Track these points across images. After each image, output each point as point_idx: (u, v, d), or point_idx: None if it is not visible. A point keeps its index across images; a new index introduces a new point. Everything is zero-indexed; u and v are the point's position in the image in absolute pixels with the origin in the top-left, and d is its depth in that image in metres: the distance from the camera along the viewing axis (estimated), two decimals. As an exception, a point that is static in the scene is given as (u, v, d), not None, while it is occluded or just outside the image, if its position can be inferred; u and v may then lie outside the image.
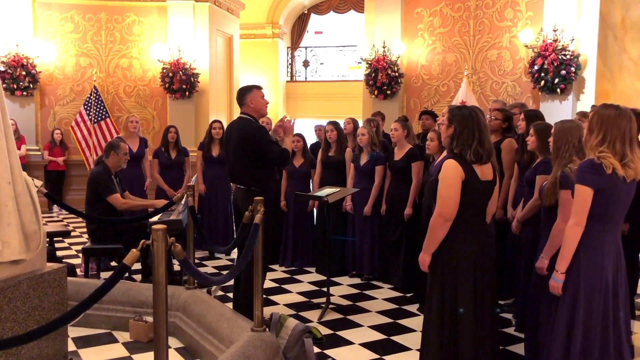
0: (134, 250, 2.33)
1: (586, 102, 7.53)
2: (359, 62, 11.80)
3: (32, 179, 3.27)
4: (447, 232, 2.93)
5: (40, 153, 10.10)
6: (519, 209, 4.20)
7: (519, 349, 3.92)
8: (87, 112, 9.90)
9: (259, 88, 4.39)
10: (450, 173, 2.90)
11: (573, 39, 7.79)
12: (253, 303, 3.52)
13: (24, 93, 9.90)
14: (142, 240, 2.35)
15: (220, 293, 5.25)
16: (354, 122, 6.20)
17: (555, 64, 7.74)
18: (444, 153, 3.52)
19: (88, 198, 5.30)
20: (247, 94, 4.31)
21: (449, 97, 9.31)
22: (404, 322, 4.57)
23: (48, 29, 10.23)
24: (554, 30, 7.86)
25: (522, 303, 4.01)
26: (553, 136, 3.40)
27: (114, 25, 10.41)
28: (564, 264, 2.79)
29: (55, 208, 10.06)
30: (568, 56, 7.74)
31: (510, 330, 4.38)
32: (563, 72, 7.71)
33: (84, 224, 6.68)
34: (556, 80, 7.78)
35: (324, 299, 4.91)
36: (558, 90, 7.83)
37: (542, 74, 7.88)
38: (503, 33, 9.07)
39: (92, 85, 10.02)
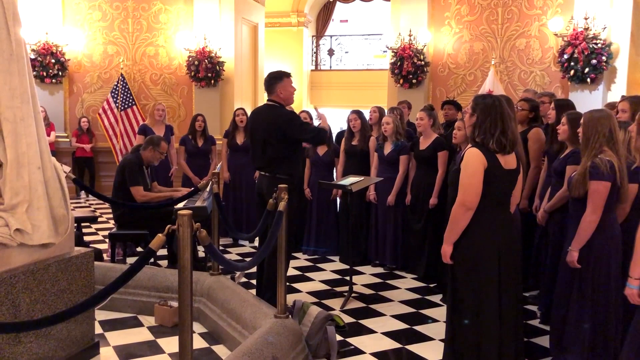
0: (160, 235, 2.35)
1: (617, 92, 7.35)
2: (384, 51, 11.68)
3: (61, 165, 3.33)
4: (469, 221, 2.88)
5: (68, 140, 10.28)
6: (545, 199, 4.13)
7: (544, 341, 3.87)
8: (114, 99, 10.03)
9: (288, 76, 4.30)
10: (473, 161, 2.85)
11: (605, 27, 7.60)
12: (276, 290, 3.54)
13: (53, 80, 10.08)
14: (168, 226, 2.36)
15: (243, 280, 5.30)
16: (380, 110, 6.15)
17: (586, 53, 7.57)
18: (470, 142, 3.47)
19: (116, 184, 5.36)
20: (277, 83, 4.24)
21: (476, 87, 9.18)
22: (427, 312, 4.55)
23: (76, 17, 10.37)
24: (585, 19, 7.68)
25: (548, 295, 3.95)
26: (582, 126, 3.30)
27: (141, 13, 10.49)
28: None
29: (83, 194, 10.24)
30: (599, 45, 7.56)
31: (535, 322, 4.33)
32: (594, 61, 7.54)
33: (110, 210, 6.78)
34: (586, 69, 7.61)
35: (346, 288, 4.91)
36: (588, 80, 7.66)
37: (572, 64, 7.71)
38: (532, 21, 8.89)
39: (119, 73, 10.15)
